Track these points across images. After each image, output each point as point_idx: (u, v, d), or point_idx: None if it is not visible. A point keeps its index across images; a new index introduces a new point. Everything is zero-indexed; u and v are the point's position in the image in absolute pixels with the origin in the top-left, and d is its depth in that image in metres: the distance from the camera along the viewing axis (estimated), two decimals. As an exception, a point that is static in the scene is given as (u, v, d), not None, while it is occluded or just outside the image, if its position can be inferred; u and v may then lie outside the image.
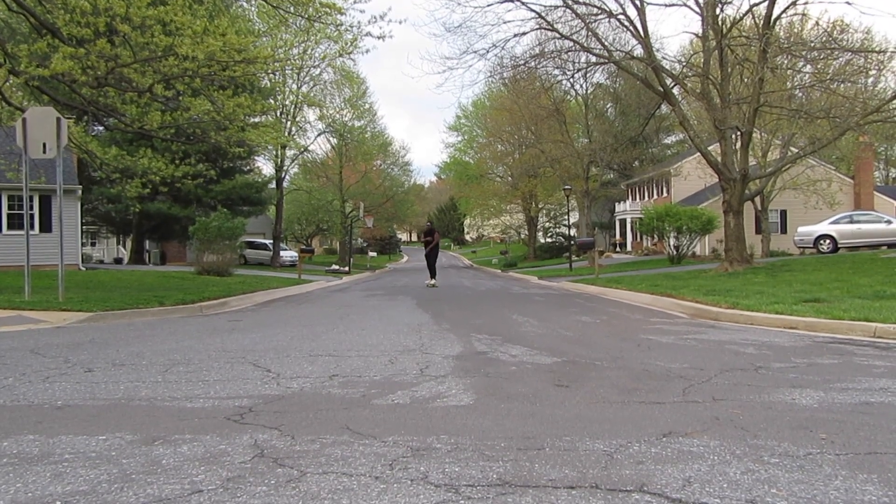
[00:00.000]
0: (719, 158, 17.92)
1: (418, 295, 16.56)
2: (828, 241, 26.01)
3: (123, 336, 8.04)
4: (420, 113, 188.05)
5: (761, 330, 8.48)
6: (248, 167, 36.64)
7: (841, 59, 18.44)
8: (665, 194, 45.25)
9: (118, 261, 37.34)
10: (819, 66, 17.78)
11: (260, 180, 37.58)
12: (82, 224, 29.54)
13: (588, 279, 21.54)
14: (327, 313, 11.58)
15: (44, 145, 11.35)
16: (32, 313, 10.35)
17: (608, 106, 41.20)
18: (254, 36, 14.73)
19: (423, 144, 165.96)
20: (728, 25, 17.52)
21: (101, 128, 30.06)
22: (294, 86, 37.40)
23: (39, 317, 10.11)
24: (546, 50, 18.91)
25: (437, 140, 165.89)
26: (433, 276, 20.33)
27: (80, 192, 24.98)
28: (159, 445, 3.22)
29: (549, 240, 57.77)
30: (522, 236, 63.48)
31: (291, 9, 13.81)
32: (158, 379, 5.04)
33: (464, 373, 5.29)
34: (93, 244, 39.36)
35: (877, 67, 17.02)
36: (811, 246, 26.62)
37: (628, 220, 48.17)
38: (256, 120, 20.28)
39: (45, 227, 23.61)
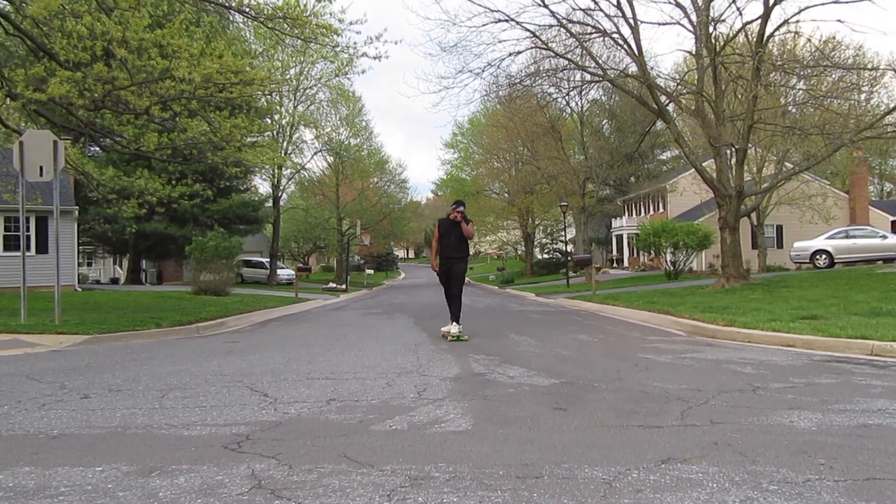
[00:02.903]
0: (714, 175, 18.00)
1: (416, 313, 16.54)
2: (824, 256, 26.08)
3: (120, 359, 8.01)
4: (415, 130, 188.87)
5: (759, 348, 8.47)
6: (244, 186, 36.72)
7: (833, 75, 18.58)
8: (661, 210, 45.35)
9: (115, 281, 37.25)
10: (812, 83, 17.92)
11: (256, 199, 37.64)
12: (79, 244, 29.52)
13: (585, 296, 21.52)
14: (324, 333, 11.55)
15: (41, 168, 11.37)
16: (28, 336, 10.32)
17: (604, 123, 41.42)
18: (250, 57, 14.80)
19: (419, 161, 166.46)
20: (721, 43, 17.68)
21: (97, 148, 30.13)
22: (290, 105, 37.56)
23: (35, 340, 10.08)
24: (541, 69, 19.06)
25: (434, 157, 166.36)
26: (456, 317, 10.24)
27: (76, 212, 24.96)
28: (156, 477, 3.20)
29: (545, 256, 57.79)
30: (519, 252, 63.52)
31: (288, 29, 13.92)
32: (155, 405, 5.02)
33: (461, 396, 5.28)
34: (89, 264, 39.30)
35: (869, 84, 17.20)
36: (807, 261, 26.68)
37: (625, 236, 48.24)
38: (253, 139, 20.36)
39: (42, 248, 23.57)
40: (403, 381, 6.13)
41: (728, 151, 18.58)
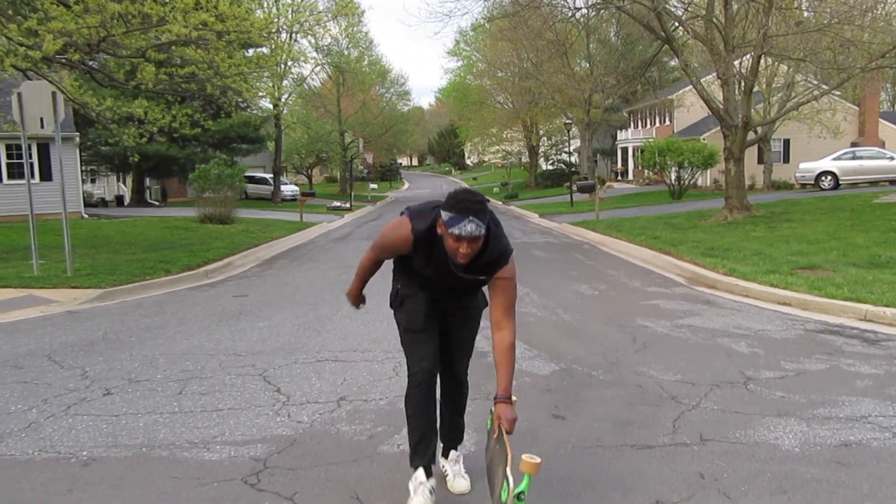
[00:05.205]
0: (721, 105, 17.70)
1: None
2: (829, 177, 25.98)
3: (134, 327, 8.30)
4: (418, 32, 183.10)
5: (755, 310, 8.70)
6: (245, 104, 36.11)
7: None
8: (668, 122, 44.72)
9: (119, 199, 37.43)
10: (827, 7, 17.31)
11: (258, 115, 37.14)
12: (82, 164, 29.43)
13: (589, 221, 21.73)
14: (330, 282, 11.80)
15: (41, 120, 11.33)
16: (42, 292, 10.59)
17: (611, 32, 40.12)
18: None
19: (421, 65, 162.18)
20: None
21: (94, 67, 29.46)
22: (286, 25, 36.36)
23: (50, 296, 10.35)
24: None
25: (437, 59, 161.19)
26: (455, 440, 4.02)
27: (77, 138, 24.82)
28: (184, 526, 3.47)
29: (550, 167, 57.47)
30: (524, 161, 63.11)
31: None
32: (175, 407, 5.29)
33: (465, 393, 5.51)
34: (93, 181, 39.24)
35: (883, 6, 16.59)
36: (812, 182, 26.60)
37: (630, 149, 47.82)
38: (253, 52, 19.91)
39: (46, 175, 23.59)
40: (409, 365, 6.38)
41: (735, 82, 18.18)
